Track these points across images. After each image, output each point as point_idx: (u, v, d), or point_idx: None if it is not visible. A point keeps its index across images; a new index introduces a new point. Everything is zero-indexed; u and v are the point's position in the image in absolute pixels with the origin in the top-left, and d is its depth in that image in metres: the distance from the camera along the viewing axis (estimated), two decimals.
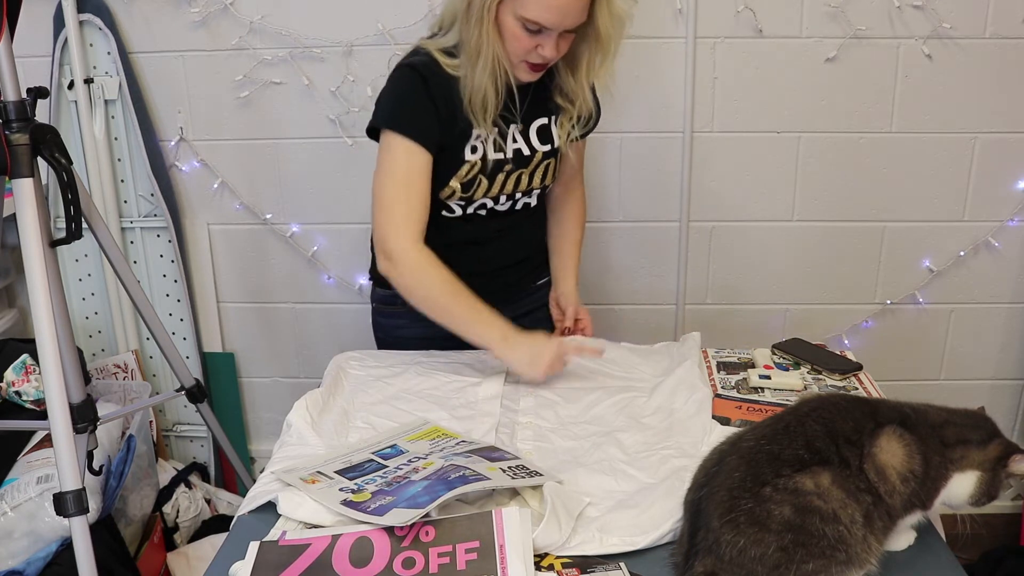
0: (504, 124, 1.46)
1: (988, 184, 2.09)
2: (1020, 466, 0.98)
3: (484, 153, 1.46)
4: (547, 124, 1.52)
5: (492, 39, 1.34)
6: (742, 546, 0.89)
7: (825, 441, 0.94)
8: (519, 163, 1.50)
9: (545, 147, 1.52)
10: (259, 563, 0.97)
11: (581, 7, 1.32)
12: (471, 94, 1.38)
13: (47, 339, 1.43)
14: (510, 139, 1.49)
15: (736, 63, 2.01)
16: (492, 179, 1.48)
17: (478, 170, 1.47)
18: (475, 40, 1.34)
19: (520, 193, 1.53)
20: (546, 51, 1.35)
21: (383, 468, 1.16)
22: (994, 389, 2.28)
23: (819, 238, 2.16)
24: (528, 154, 1.50)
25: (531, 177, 1.52)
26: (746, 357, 1.46)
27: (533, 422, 1.33)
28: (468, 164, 1.46)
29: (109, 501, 1.81)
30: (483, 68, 1.36)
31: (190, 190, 2.20)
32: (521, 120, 1.48)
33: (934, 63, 1.98)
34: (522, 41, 1.34)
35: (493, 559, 0.94)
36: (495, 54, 1.35)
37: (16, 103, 1.43)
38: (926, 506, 0.97)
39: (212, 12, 2.02)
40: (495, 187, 1.49)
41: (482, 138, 1.45)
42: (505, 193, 1.51)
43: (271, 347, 2.35)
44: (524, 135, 1.50)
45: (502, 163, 1.48)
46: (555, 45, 1.35)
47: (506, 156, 1.48)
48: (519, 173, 1.51)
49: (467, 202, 1.50)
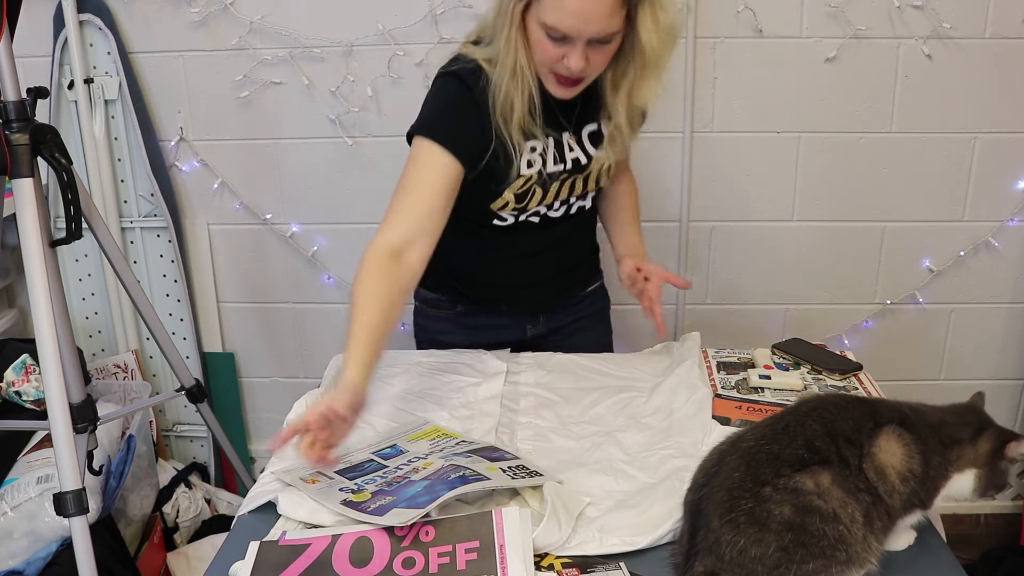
0: (558, 134, 1.41)
1: (988, 184, 2.09)
2: (1019, 450, 0.98)
3: (543, 166, 1.40)
4: (597, 129, 1.44)
5: (517, 46, 1.29)
6: (742, 546, 0.89)
7: (825, 441, 0.94)
8: (576, 171, 1.45)
9: (599, 152, 1.46)
10: (259, 563, 0.97)
11: (604, 13, 1.22)
12: (497, 101, 1.32)
13: (47, 339, 1.43)
14: (566, 148, 1.43)
15: (736, 63, 2.01)
16: (547, 189, 1.44)
17: (534, 182, 1.42)
18: (502, 46, 1.30)
19: (575, 197, 1.48)
20: (572, 62, 1.25)
21: (383, 468, 1.16)
22: (994, 389, 2.28)
23: (819, 238, 2.16)
24: (585, 162, 1.44)
25: (586, 181, 1.47)
26: (746, 357, 1.46)
27: (533, 422, 1.33)
28: (523, 178, 1.40)
29: (109, 501, 1.81)
30: (507, 75, 1.30)
31: (190, 190, 2.20)
32: (574, 127, 1.42)
33: (934, 63, 1.98)
34: (547, 50, 1.27)
35: (493, 559, 0.94)
36: (518, 62, 1.30)
37: (16, 103, 1.43)
38: (926, 505, 0.97)
39: (212, 12, 2.02)
40: (550, 195, 1.44)
41: (539, 151, 1.39)
42: (560, 199, 1.46)
43: (271, 347, 2.35)
44: (579, 143, 1.44)
45: (560, 174, 1.43)
46: (581, 55, 1.25)
47: (565, 167, 1.43)
48: (574, 179, 1.45)
49: (520, 211, 1.45)
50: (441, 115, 1.37)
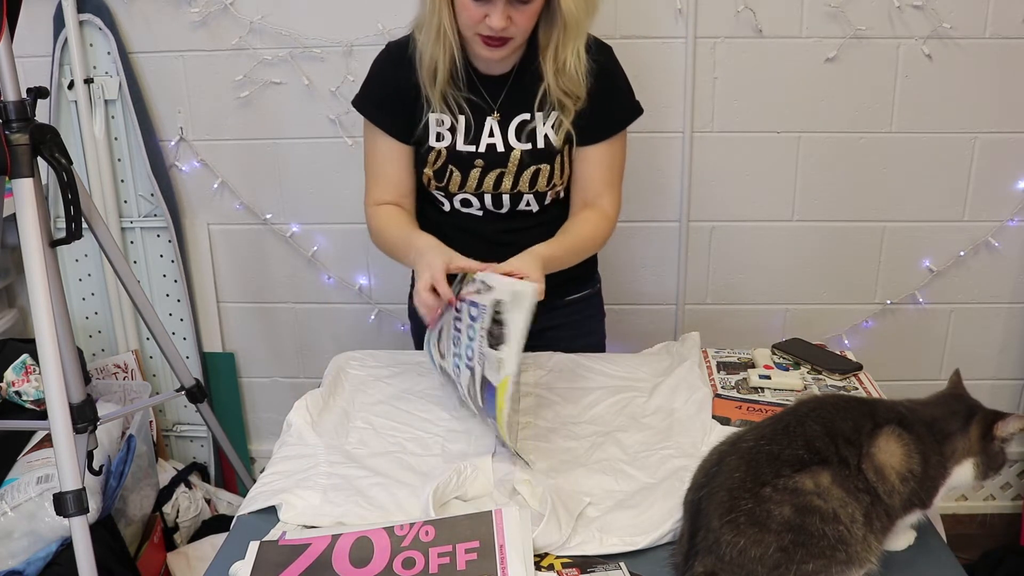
0: (480, 115, 1.44)
1: (988, 184, 2.08)
2: (1007, 428, 0.99)
3: (452, 142, 1.45)
4: (529, 121, 1.44)
5: (439, 8, 1.33)
6: (742, 546, 0.89)
7: (824, 441, 0.94)
8: (494, 160, 1.45)
9: (525, 146, 1.44)
10: (259, 563, 0.97)
11: None
12: (423, 64, 1.39)
13: (47, 339, 1.43)
14: (486, 132, 1.45)
15: (736, 63, 2.01)
16: (465, 173, 1.45)
17: (446, 159, 1.45)
18: (427, 7, 1.35)
19: (506, 195, 1.48)
20: (493, 20, 1.29)
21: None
22: (994, 389, 2.28)
23: (819, 238, 2.16)
24: (503, 151, 1.44)
25: (516, 179, 1.46)
26: (746, 357, 1.46)
27: (533, 422, 1.33)
28: (434, 151, 1.45)
29: (109, 501, 1.81)
30: (432, 38, 1.35)
31: (190, 190, 2.20)
32: (500, 112, 1.44)
33: (934, 63, 1.98)
34: (469, 10, 1.30)
35: (493, 559, 0.94)
36: (441, 24, 1.34)
37: (16, 103, 1.43)
38: (925, 505, 0.97)
39: (212, 12, 2.02)
40: (470, 182, 1.46)
41: (447, 126, 1.44)
42: (487, 192, 1.47)
43: (271, 347, 2.35)
44: (502, 131, 1.45)
45: (472, 156, 1.45)
46: (502, 14, 1.28)
47: (477, 150, 1.45)
48: (499, 172, 1.46)
49: (446, 194, 1.49)
50: (369, 90, 1.50)
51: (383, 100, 1.47)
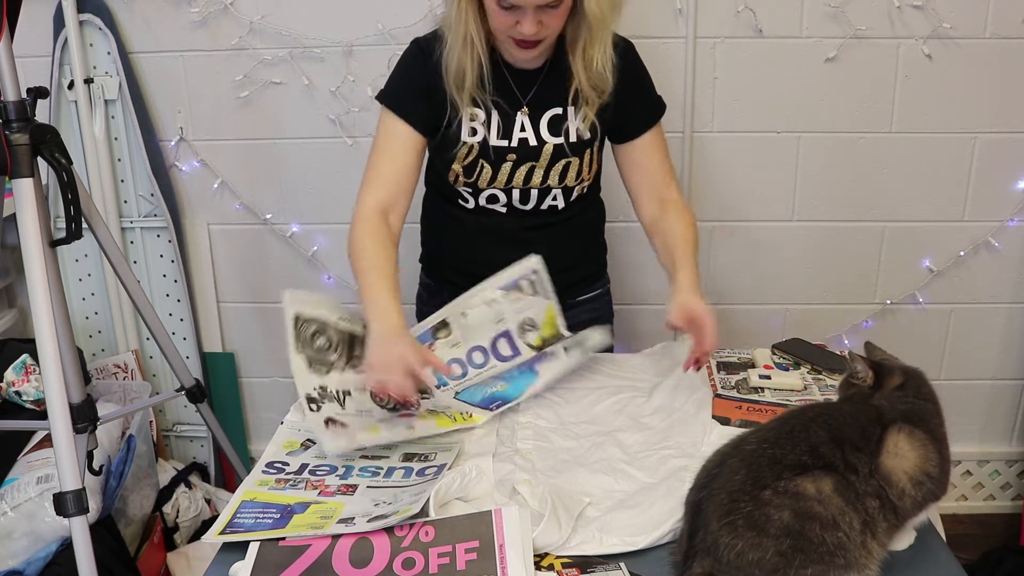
0: (510, 110, 1.44)
1: (988, 184, 2.09)
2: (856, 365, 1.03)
3: (485, 137, 1.44)
4: (561, 116, 1.45)
5: (467, 16, 1.33)
6: (740, 549, 0.89)
7: (830, 447, 0.93)
8: (526, 154, 1.46)
9: (556, 140, 1.45)
10: (259, 563, 0.97)
11: None
12: (450, 71, 1.39)
13: (47, 339, 1.43)
14: (517, 127, 1.45)
15: (736, 63, 2.01)
16: (497, 167, 1.46)
17: (477, 154, 1.45)
18: (453, 15, 1.35)
19: (536, 190, 1.48)
20: (524, 27, 1.29)
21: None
22: (994, 389, 2.28)
23: (819, 238, 2.16)
24: (535, 144, 1.45)
25: (546, 174, 1.47)
26: (746, 357, 1.46)
27: (533, 422, 1.33)
28: (466, 146, 1.44)
29: (109, 501, 1.81)
30: (459, 44, 1.35)
31: (190, 190, 2.20)
32: (529, 106, 1.44)
33: (934, 63, 1.98)
34: (500, 17, 1.31)
35: (493, 559, 0.94)
36: (468, 32, 1.34)
37: (16, 103, 1.43)
38: (938, 497, 0.96)
39: (212, 12, 2.02)
40: (501, 176, 1.46)
41: (481, 120, 1.44)
42: (516, 187, 1.47)
43: (271, 347, 2.35)
44: (534, 125, 1.45)
45: (505, 151, 1.45)
46: (533, 21, 1.29)
47: (510, 144, 1.45)
48: (530, 166, 1.46)
49: (474, 190, 1.48)
50: (398, 83, 1.47)
51: (414, 91, 1.44)
